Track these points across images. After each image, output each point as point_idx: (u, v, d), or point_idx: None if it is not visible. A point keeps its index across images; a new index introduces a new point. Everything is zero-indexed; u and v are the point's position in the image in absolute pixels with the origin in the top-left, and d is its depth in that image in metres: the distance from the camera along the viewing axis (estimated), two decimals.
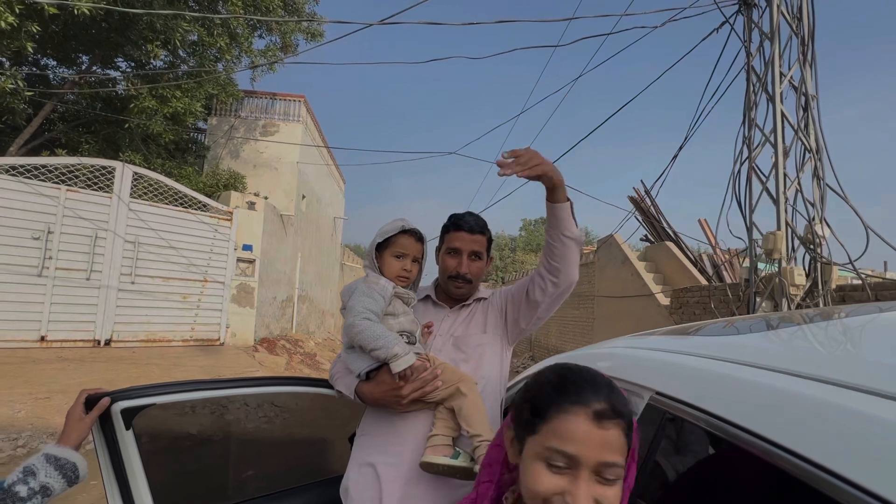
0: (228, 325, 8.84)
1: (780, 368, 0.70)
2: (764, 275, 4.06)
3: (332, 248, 18.43)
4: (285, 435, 2.35)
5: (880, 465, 0.45)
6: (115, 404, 1.24)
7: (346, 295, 1.39)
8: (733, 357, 0.86)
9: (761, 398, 0.66)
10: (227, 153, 12.01)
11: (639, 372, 1.09)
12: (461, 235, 1.48)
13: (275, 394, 1.65)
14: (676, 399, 0.87)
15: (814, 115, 3.97)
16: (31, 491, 0.91)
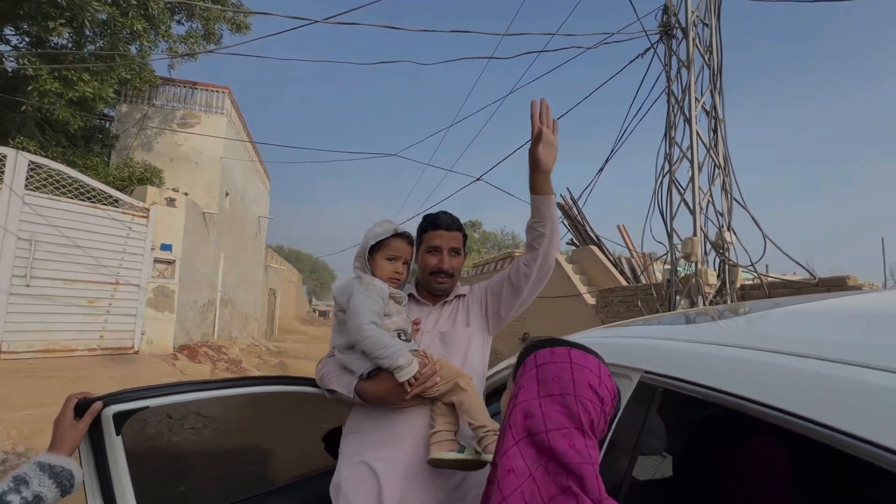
0: (144, 332, 8.08)
1: (730, 344, 0.95)
2: (682, 275, 4.60)
3: (257, 249, 17.47)
4: (216, 447, 2.26)
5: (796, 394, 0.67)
6: (106, 408, 1.17)
7: (342, 296, 1.39)
8: (699, 339, 1.09)
9: (727, 366, 0.87)
10: (140, 144, 10.98)
11: (626, 355, 1.25)
12: (440, 233, 1.55)
13: (267, 393, 1.61)
14: (666, 375, 1.03)
15: (722, 135, 4.58)
16: (24, 500, 0.85)
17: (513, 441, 0.76)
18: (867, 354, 0.68)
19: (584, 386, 0.76)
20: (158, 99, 11.32)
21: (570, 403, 0.74)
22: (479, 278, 13.72)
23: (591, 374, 0.78)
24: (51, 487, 0.91)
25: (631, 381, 1.15)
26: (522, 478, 0.72)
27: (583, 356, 0.81)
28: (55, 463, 0.94)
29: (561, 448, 0.71)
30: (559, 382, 0.77)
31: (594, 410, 0.75)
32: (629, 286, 7.20)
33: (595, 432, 0.75)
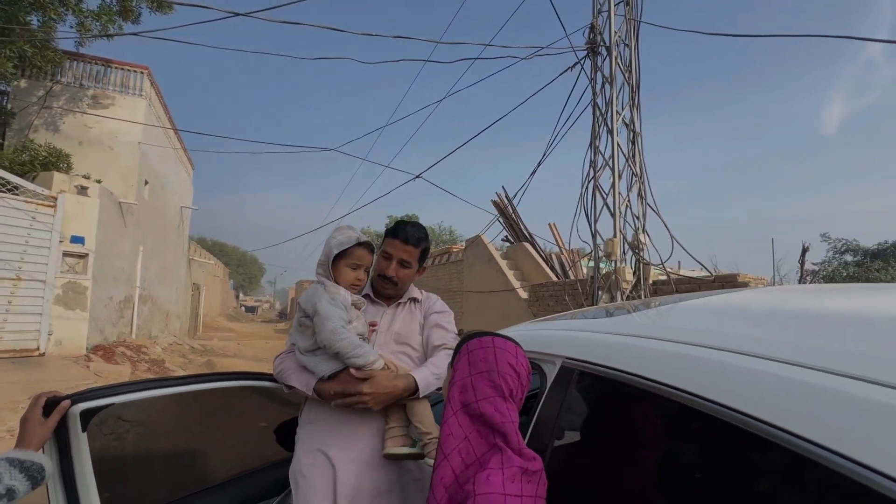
0: (51, 332, 7.39)
1: (641, 335, 1.16)
2: (604, 272, 5.08)
3: (179, 242, 16.36)
4: (142, 450, 2.26)
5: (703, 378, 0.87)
6: (74, 406, 1.20)
7: (308, 304, 1.48)
8: (614, 330, 1.33)
9: (639, 353, 1.08)
10: (42, 124, 9.90)
11: (551, 345, 1.48)
12: (395, 243, 1.63)
13: (192, 393, 1.63)
14: (585, 361, 1.27)
15: (639, 147, 5.10)
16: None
17: (451, 412, 0.96)
18: (735, 343, 0.92)
19: (504, 364, 0.97)
20: (65, 76, 10.24)
21: (493, 378, 0.95)
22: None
23: (510, 354, 1.00)
24: (22, 481, 0.95)
25: (554, 365, 1.38)
26: (459, 440, 0.92)
27: (503, 342, 1.03)
28: (24, 458, 0.98)
29: (488, 412, 0.92)
30: (485, 362, 0.98)
31: (513, 382, 0.96)
32: (558, 282, 7.72)
33: (514, 399, 0.97)
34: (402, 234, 1.63)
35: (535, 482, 0.85)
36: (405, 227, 1.66)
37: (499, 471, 0.84)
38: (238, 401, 2.01)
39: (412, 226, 1.68)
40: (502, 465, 0.84)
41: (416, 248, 1.64)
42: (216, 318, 27.59)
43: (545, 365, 1.44)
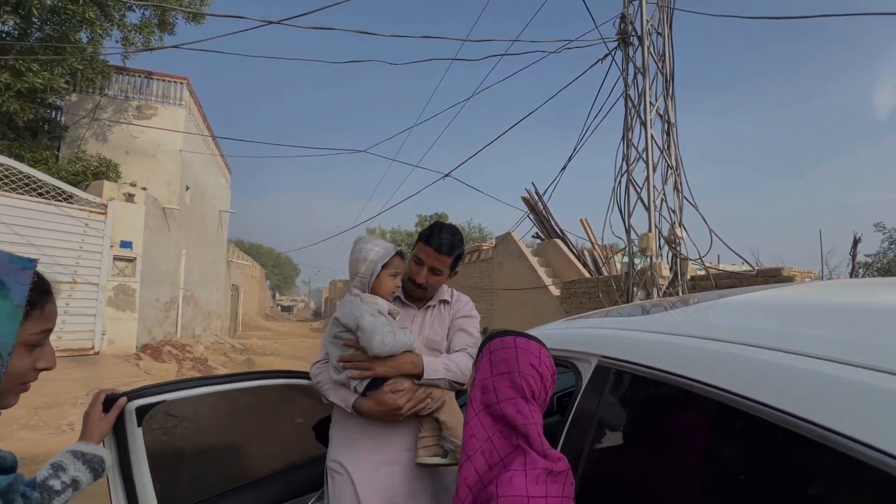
0: (105, 332, 7.84)
1: (679, 333, 1.13)
2: (639, 268, 4.96)
3: (219, 244, 17.02)
4: (189, 445, 2.36)
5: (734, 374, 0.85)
6: (129, 402, 1.28)
7: (349, 319, 1.47)
8: (651, 328, 1.30)
9: (678, 352, 1.05)
10: (92, 136, 10.49)
11: (586, 343, 1.46)
12: (428, 251, 1.60)
13: (238, 390, 1.70)
14: (621, 360, 1.24)
15: (674, 139, 4.95)
16: (64, 484, 0.96)
17: (473, 413, 0.97)
18: (776, 341, 0.88)
19: (526, 364, 0.96)
20: (111, 89, 10.82)
21: (515, 379, 0.94)
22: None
23: (532, 355, 0.98)
24: (85, 472, 1.02)
25: (590, 364, 1.36)
26: (482, 440, 0.93)
27: (525, 342, 1.01)
28: (87, 451, 1.04)
29: (510, 413, 0.91)
30: (507, 363, 0.97)
31: (535, 383, 0.95)
32: (591, 278, 7.58)
33: (537, 401, 0.95)
34: (434, 242, 1.60)
35: (560, 482, 0.84)
36: (439, 235, 1.61)
37: (522, 472, 0.83)
38: (277, 398, 2.07)
39: (446, 232, 1.63)
40: (525, 466, 0.84)
41: (448, 257, 1.62)
42: (254, 318, 28.54)
43: (580, 364, 1.42)
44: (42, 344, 0.78)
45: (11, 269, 0.71)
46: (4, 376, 0.69)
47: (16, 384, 0.75)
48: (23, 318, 0.70)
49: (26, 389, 0.79)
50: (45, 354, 0.79)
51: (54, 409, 5.55)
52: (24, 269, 0.73)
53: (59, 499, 0.94)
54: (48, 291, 0.79)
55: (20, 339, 0.71)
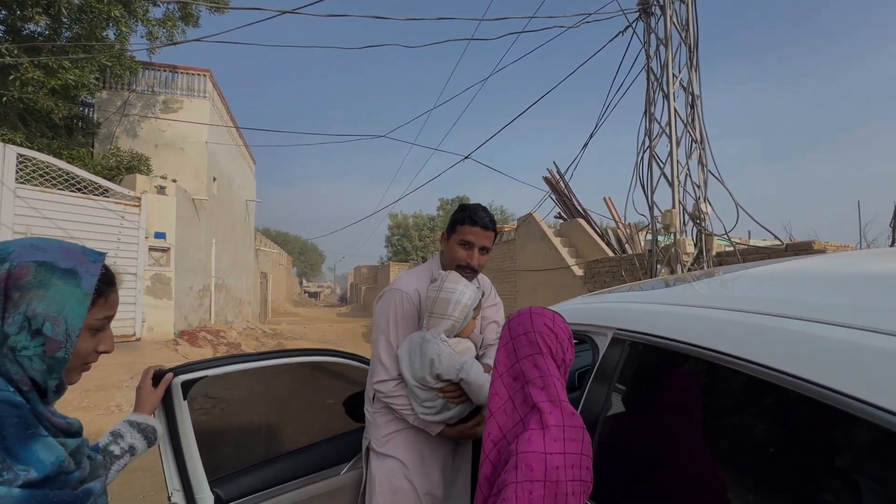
0: (144, 319, 8.25)
1: (693, 304, 1.17)
2: (663, 246, 4.89)
3: (246, 233, 17.49)
4: (228, 424, 2.49)
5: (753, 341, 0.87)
6: (176, 377, 1.40)
7: (451, 372, 1.45)
8: (664, 300, 1.32)
9: (690, 322, 1.08)
10: (123, 131, 10.85)
11: (602, 317, 1.49)
12: (476, 230, 1.58)
13: (322, 363, 1.82)
14: (634, 331, 1.28)
15: (698, 112, 4.80)
16: (122, 450, 1.08)
17: (497, 375, 1.04)
18: (793, 308, 0.89)
19: (541, 325, 1.03)
20: (138, 84, 11.13)
21: (531, 337, 1.02)
22: None
23: (546, 317, 1.06)
24: (139, 439, 1.14)
25: (606, 337, 1.40)
26: (504, 399, 1.00)
27: (539, 308, 1.10)
28: (141, 421, 1.16)
29: (527, 368, 0.99)
30: (522, 325, 1.05)
31: (550, 339, 1.02)
32: (614, 257, 7.51)
33: (555, 358, 1.01)
34: (480, 219, 1.58)
35: (578, 440, 0.89)
36: (480, 213, 1.61)
37: (539, 431, 0.89)
38: (307, 378, 2.18)
39: (482, 209, 1.64)
40: (542, 425, 0.90)
41: (493, 232, 1.62)
42: (283, 304, 29.35)
43: (597, 337, 1.46)
44: (104, 329, 0.86)
45: (84, 261, 0.80)
46: (72, 355, 0.77)
47: (79, 364, 0.83)
48: (90, 304, 0.78)
49: (87, 369, 0.88)
50: (105, 339, 0.87)
51: (102, 391, 5.93)
52: (94, 261, 0.82)
53: (118, 463, 1.06)
54: (112, 282, 0.87)
55: (86, 323, 0.79)
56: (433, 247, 26.10)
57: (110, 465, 1.03)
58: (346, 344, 14.39)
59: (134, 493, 3.55)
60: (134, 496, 3.51)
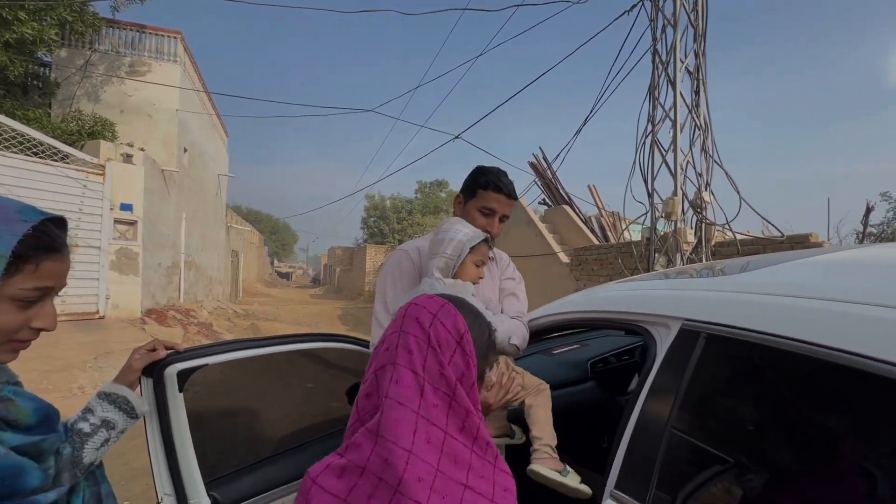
0: (109, 296, 7.74)
1: (780, 293, 1.05)
2: (661, 234, 4.83)
3: (218, 209, 16.76)
4: (220, 415, 2.29)
5: None
6: (170, 367, 1.18)
7: None
8: (742, 289, 1.17)
9: (759, 309, 1.01)
10: (84, 93, 10.07)
11: (663, 305, 1.33)
12: (501, 198, 1.48)
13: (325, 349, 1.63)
14: (710, 322, 1.12)
15: (704, 97, 4.71)
16: (94, 426, 0.94)
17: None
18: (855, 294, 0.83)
19: (412, 323, 0.78)
20: (102, 44, 10.31)
21: (393, 340, 0.78)
22: None
23: (427, 312, 0.80)
24: (114, 412, 0.98)
25: (669, 329, 1.23)
26: None
27: (428, 300, 0.83)
28: (110, 391, 1.00)
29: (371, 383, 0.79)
30: (395, 323, 0.81)
31: (416, 346, 0.76)
32: (604, 245, 7.47)
33: (421, 370, 0.75)
34: (506, 186, 1.48)
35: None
36: (505, 179, 1.50)
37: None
38: (285, 365, 1.97)
39: (506, 175, 1.53)
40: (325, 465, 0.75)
41: (515, 201, 1.54)
42: (254, 284, 28.57)
43: (655, 328, 1.30)
44: (40, 301, 0.75)
45: (12, 219, 0.70)
46: None
47: (4, 339, 0.72)
48: (9, 270, 0.68)
49: (23, 347, 0.77)
50: (42, 314, 0.75)
51: (64, 373, 5.50)
52: (26, 220, 0.71)
53: (91, 441, 0.92)
54: (52, 249, 0.74)
55: (8, 293, 0.69)
56: (411, 230, 25.80)
57: (82, 446, 0.91)
58: (322, 326, 14.07)
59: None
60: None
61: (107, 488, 0.95)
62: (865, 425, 0.87)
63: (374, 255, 24.05)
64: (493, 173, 1.52)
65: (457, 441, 0.73)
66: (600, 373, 2.51)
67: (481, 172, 1.53)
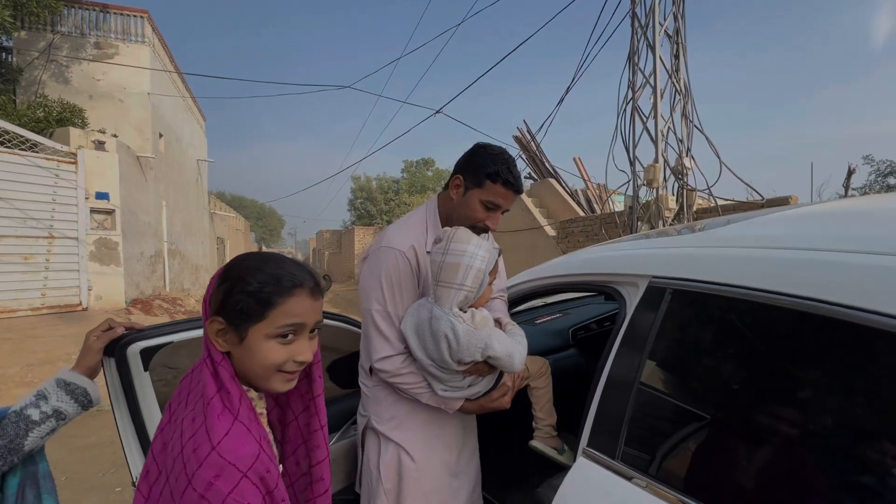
0: (91, 287, 7.60)
1: (748, 246, 1.05)
2: (644, 202, 4.83)
3: (199, 195, 16.42)
4: None
5: None
6: (132, 346, 1.14)
7: (474, 353, 1.25)
8: (708, 244, 1.19)
9: (724, 262, 1.02)
10: (50, 77, 9.67)
11: (631, 264, 1.32)
12: (508, 194, 1.35)
13: None
14: (675, 278, 1.11)
15: (684, 61, 4.66)
16: (44, 415, 0.90)
17: None
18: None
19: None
20: (64, 25, 9.84)
21: None
22: None
23: None
24: (69, 402, 0.94)
25: (637, 287, 1.23)
26: None
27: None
28: (70, 380, 0.96)
29: None
30: None
31: None
32: (589, 216, 7.48)
33: None
34: (515, 184, 1.34)
35: None
36: (515, 171, 1.36)
37: None
38: None
39: (514, 166, 1.37)
40: None
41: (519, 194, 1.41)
42: None
43: (624, 288, 1.29)
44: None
45: None
46: None
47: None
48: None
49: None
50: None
51: (48, 365, 5.43)
52: None
53: (38, 429, 0.88)
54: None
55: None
56: (398, 210, 25.60)
57: (27, 433, 0.87)
58: None
59: (92, 471, 3.26)
60: (92, 474, 3.22)
61: (44, 468, 0.92)
62: (828, 372, 0.87)
63: (363, 237, 23.90)
64: (503, 162, 1.34)
65: None
66: (582, 339, 2.53)
67: (490, 159, 1.34)
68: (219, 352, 0.75)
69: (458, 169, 1.40)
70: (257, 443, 0.70)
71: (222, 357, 0.75)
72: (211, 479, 0.64)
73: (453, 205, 1.39)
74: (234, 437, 0.68)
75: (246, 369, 0.77)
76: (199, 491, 0.63)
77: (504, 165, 1.34)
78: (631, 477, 1.01)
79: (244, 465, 0.66)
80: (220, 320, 0.75)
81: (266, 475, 0.69)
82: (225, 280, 0.77)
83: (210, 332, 0.75)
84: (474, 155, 1.37)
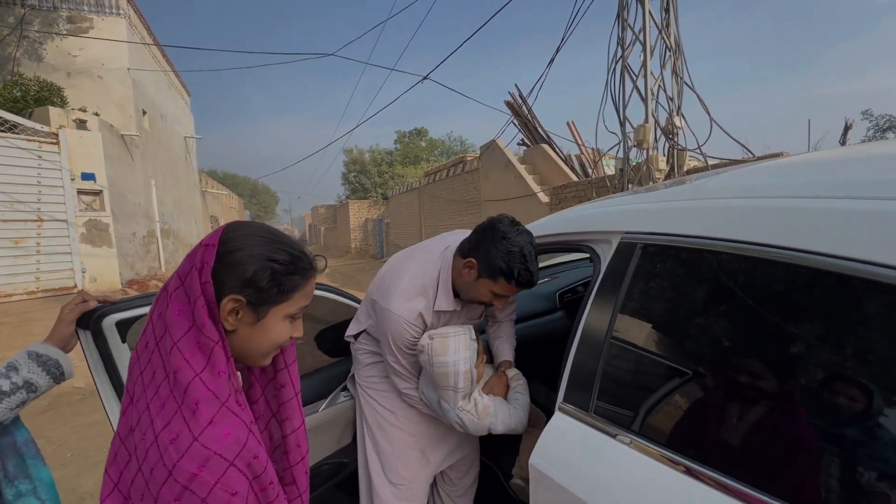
0: (84, 269, 7.58)
1: (720, 196, 1.03)
2: (634, 165, 4.78)
3: (189, 173, 16.20)
4: None
5: None
6: (107, 318, 1.13)
7: (482, 432, 1.47)
8: (679, 197, 1.18)
9: (693, 214, 1.02)
10: (24, 56, 9.35)
11: (604, 222, 1.32)
12: (517, 291, 1.40)
13: None
14: (646, 232, 1.11)
15: (674, 15, 4.51)
16: (14, 385, 0.89)
17: None
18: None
19: None
20: None
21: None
22: (432, 187, 13.59)
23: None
24: (41, 374, 0.93)
25: (610, 244, 1.22)
26: None
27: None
28: (42, 352, 0.95)
29: None
30: None
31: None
32: (582, 181, 7.43)
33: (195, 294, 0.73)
34: (532, 282, 1.36)
35: None
36: (532, 268, 1.33)
37: None
38: None
39: (534, 264, 1.35)
40: None
41: None
42: None
43: (598, 245, 1.29)
44: None
45: None
46: None
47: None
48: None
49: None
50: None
51: None
52: None
53: (7, 400, 0.87)
54: None
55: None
56: (392, 182, 25.35)
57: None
58: None
59: (96, 447, 3.33)
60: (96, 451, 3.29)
61: (24, 435, 0.93)
62: (795, 319, 0.87)
63: (358, 210, 23.74)
64: (520, 261, 1.30)
65: None
66: (568, 302, 2.56)
67: (508, 257, 1.29)
68: (217, 331, 0.69)
69: (472, 250, 1.35)
70: (247, 428, 0.67)
71: (220, 336, 0.69)
72: (195, 470, 0.61)
73: (463, 283, 1.40)
74: (220, 425, 0.64)
75: (250, 349, 0.74)
76: (181, 483, 0.61)
77: (522, 265, 1.29)
78: (602, 429, 1.03)
79: (231, 454, 0.64)
80: (239, 298, 0.70)
81: (253, 461, 0.67)
82: (232, 255, 0.70)
83: (223, 310, 0.69)
84: (492, 245, 1.31)
